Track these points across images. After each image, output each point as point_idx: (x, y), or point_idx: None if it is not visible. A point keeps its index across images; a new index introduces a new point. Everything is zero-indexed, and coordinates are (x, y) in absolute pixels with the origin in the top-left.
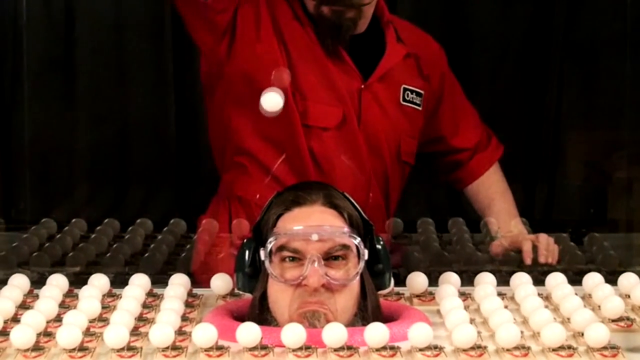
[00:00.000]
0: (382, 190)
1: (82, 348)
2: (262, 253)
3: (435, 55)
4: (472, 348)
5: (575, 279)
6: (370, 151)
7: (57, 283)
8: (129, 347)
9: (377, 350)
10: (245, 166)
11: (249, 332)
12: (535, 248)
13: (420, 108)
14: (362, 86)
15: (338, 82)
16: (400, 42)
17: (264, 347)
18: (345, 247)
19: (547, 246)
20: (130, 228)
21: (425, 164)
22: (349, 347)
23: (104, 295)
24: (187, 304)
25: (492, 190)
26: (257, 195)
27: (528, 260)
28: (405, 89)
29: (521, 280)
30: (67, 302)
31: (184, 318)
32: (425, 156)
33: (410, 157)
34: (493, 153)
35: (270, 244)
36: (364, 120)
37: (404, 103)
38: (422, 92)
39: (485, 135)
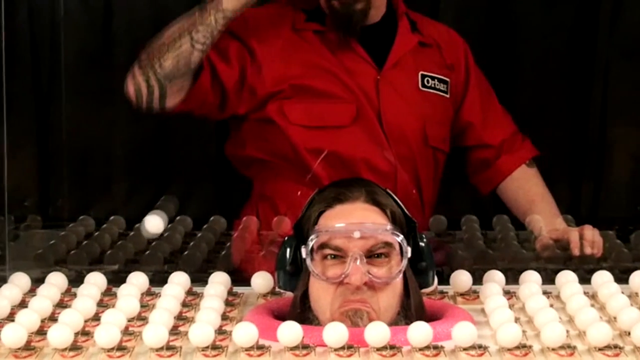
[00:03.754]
0: (411, 178)
1: (120, 347)
2: (303, 251)
3: (458, 48)
4: (517, 347)
5: (621, 277)
6: (394, 139)
7: (95, 281)
8: (168, 347)
9: (421, 349)
10: (274, 166)
11: (290, 331)
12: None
13: (447, 95)
14: (379, 76)
15: (351, 77)
16: (417, 32)
17: (305, 347)
18: (388, 244)
19: (592, 238)
20: (169, 225)
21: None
22: (392, 347)
23: (142, 294)
24: (227, 303)
25: (532, 192)
26: (299, 192)
27: (576, 251)
28: (424, 76)
29: (567, 279)
30: (106, 300)
31: (224, 317)
32: (458, 155)
33: (439, 143)
34: (524, 153)
35: (312, 241)
36: (384, 109)
37: (424, 89)
38: (447, 79)
39: (518, 137)
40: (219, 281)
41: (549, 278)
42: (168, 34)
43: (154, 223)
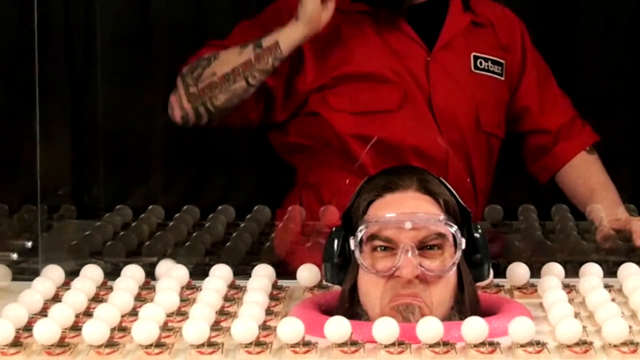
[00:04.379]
0: (464, 165)
1: (159, 344)
2: (351, 242)
3: (514, 27)
4: (577, 344)
5: None
6: (445, 123)
7: (133, 274)
8: (209, 343)
9: (475, 346)
10: (318, 153)
11: (338, 327)
12: None
13: (502, 78)
14: (429, 58)
15: (398, 58)
16: (469, 11)
17: (354, 343)
18: (441, 235)
19: None
20: (210, 215)
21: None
22: (445, 343)
23: (182, 288)
24: (272, 297)
25: (592, 180)
26: (347, 181)
27: (639, 242)
28: (476, 57)
29: (629, 271)
30: (144, 294)
31: (269, 312)
32: (514, 141)
33: (493, 128)
34: (584, 139)
35: (361, 232)
36: (434, 92)
37: (477, 71)
38: (502, 61)
39: (578, 122)
40: (263, 274)
41: (610, 271)
42: (220, 73)
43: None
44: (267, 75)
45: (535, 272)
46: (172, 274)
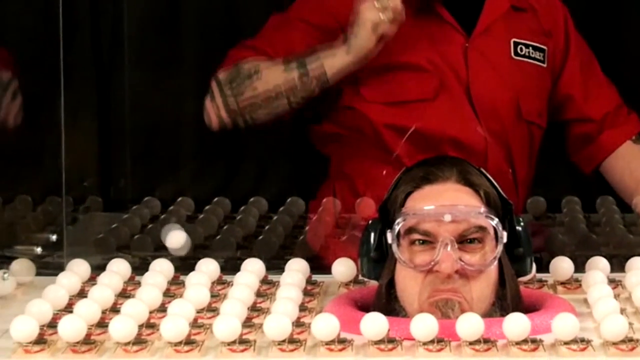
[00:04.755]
0: (504, 156)
1: (188, 341)
2: (389, 236)
3: (557, 12)
4: (623, 341)
5: None
6: (484, 113)
7: (161, 269)
8: (241, 340)
9: (517, 343)
10: (352, 142)
11: (375, 324)
12: None
13: (544, 65)
14: (467, 44)
15: (434, 45)
16: None
17: (391, 340)
18: (482, 228)
19: None
20: (242, 208)
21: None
22: (486, 340)
23: (213, 283)
24: (306, 292)
25: (639, 172)
26: (384, 172)
27: None
28: (517, 43)
29: None
30: (172, 290)
31: (303, 308)
32: (557, 131)
33: (535, 117)
34: (630, 128)
35: (398, 225)
36: (473, 80)
37: (518, 58)
38: (544, 47)
39: (623, 111)
40: (296, 269)
41: None
42: (263, 93)
43: (176, 239)
44: (310, 98)
45: (580, 267)
46: (202, 268)
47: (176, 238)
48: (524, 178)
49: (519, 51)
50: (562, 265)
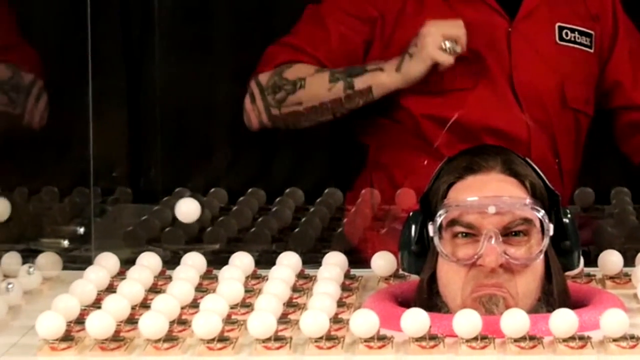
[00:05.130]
0: (549, 145)
1: (221, 338)
2: (430, 228)
3: None
4: None
5: None
6: (527, 100)
7: (193, 263)
8: (277, 338)
9: (564, 340)
10: (391, 129)
11: (416, 320)
12: None
13: (591, 50)
14: (510, 28)
15: (475, 29)
16: None
17: (432, 337)
18: (527, 221)
19: None
20: (277, 199)
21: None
22: (532, 337)
23: (247, 277)
24: (344, 287)
25: None
26: (425, 162)
27: None
28: (562, 28)
29: None
30: (205, 285)
31: (341, 303)
32: (606, 119)
33: (581, 104)
34: None
35: (440, 217)
36: (516, 66)
37: (563, 43)
38: (591, 32)
39: None
40: (334, 262)
41: None
42: (307, 105)
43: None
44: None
45: (629, 260)
46: (235, 262)
47: (187, 206)
48: (570, 168)
49: (564, 36)
50: (611, 259)
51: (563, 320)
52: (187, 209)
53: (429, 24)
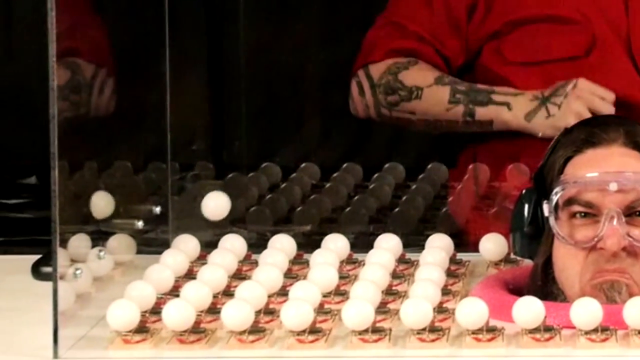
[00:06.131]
0: None
1: (313, 330)
2: (545, 207)
3: None
4: None
5: None
6: None
7: (282, 246)
8: (374, 329)
9: None
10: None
11: (529, 309)
12: None
13: None
14: None
15: None
16: None
17: (548, 329)
18: None
19: None
20: (376, 175)
21: None
22: None
23: (342, 262)
24: (449, 273)
25: None
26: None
27: None
28: None
29: None
30: (294, 270)
31: (446, 291)
32: None
33: None
34: None
35: (556, 195)
36: (634, 31)
37: None
38: None
39: None
40: (438, 246)
41: None
42: (421, 117)
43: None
44: None
45: None
46: (329, 245)
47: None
48: None
49: None
50: None
51: None
52: (215, 205)
53: (582, 82)
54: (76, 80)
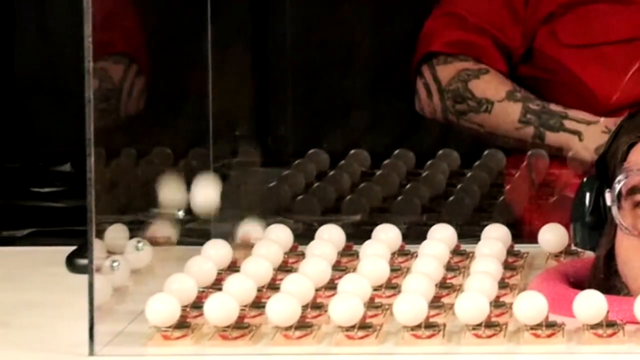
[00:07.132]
0: None
1: (363, 325)
2: (607, 196)
3: None
4: None
5: None
6: None
7: (330, 237)
8: (427, 325)
9: None
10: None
11: (591, 304)
12: None
13: None
14: None
15: None
16: None
17: (610, 325)
18: None
19: None
20: (429, 162)
21: None
22: None
23: (393, 254)
24: (507, 266)
25: None
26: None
27: None
28: None
29: None
30: (343, 262)
31: (503, 284)
32: None
33: None
34: None
35: (619, 184)
36: None
37: None
38: None
39: None
40: (495, 236)
41: None
42: (488, 130)
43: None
44: None
45: None
46: (380, 236)
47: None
48: None
49: None
50: None
51: None
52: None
53: None
54: (113, 61)
